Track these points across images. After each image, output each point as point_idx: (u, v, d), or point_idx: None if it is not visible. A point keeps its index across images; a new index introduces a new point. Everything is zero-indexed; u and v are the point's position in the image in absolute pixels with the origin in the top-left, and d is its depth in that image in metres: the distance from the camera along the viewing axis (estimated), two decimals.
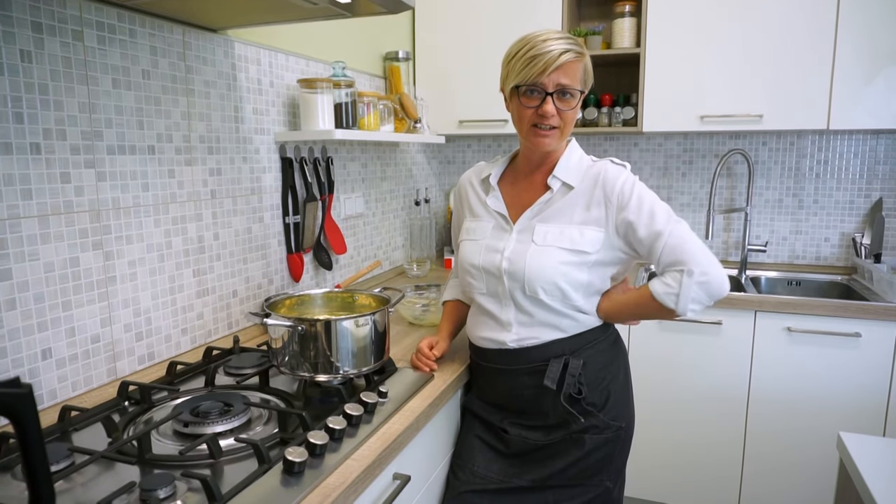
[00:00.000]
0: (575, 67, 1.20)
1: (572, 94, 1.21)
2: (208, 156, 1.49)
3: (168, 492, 0.86)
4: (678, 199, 2.63)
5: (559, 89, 1.19)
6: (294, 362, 1.22)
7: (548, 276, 1.21)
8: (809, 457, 2.03)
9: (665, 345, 2.14)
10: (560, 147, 1.29)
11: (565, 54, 1.17)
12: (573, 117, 1.24)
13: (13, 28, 1.05)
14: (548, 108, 1.20)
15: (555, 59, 1.16)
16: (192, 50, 1.42)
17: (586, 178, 1.25)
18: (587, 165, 1.28)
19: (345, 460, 0.98)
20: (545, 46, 1.17)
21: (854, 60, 2.03)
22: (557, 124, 1.22)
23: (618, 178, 1.22)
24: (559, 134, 1.24)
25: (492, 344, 1.31)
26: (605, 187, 1.22)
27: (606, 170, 1.24)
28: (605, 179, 1.23)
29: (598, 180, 1.23)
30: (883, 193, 2.36)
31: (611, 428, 1.27)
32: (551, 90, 1.19)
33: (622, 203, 1.20)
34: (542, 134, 1.23)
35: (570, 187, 1.26)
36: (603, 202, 1.22)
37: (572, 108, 1.22)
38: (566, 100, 1.21)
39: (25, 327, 1.10)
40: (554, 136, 1.24)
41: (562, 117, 1.22)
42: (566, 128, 1.24)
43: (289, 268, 1.79)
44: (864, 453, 1.08)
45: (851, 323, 1.93)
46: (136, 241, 1.31)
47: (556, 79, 1.18)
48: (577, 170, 1.27)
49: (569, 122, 1.24)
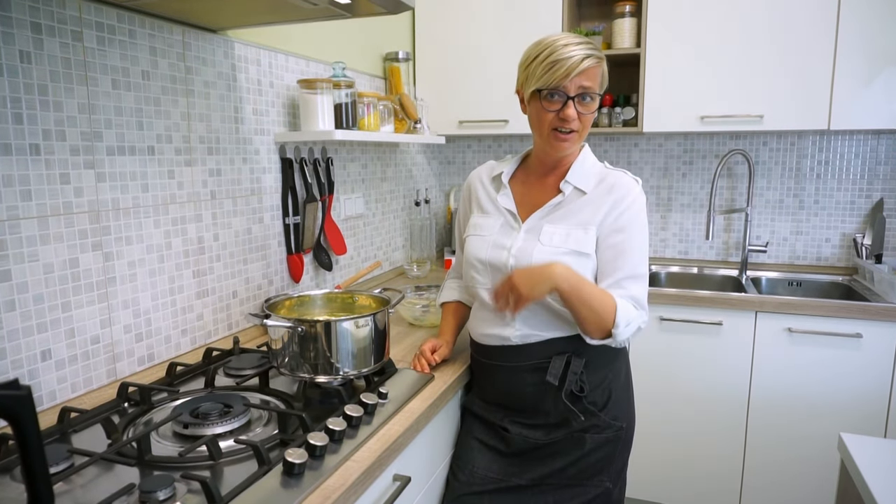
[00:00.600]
0: (596, 72, 1.21)
1: (593, 97, 1.23)
2: (208, 156, 1.49)
3: (168, 493, 0.85)
4: (678, 199, 2.62)
5: (581, 93, 1.21)
6: (294, 363, 1.22)
7: None
8: (810, 458, 2.03)
9: (665, 345, 2.13)
10: (574, 151, 1.30)
11: (588, 59, 1.18)
12: (591, 121, 1.26)
13: (12, 29, 1.05)
14: (570, 111, 1.21)
15: (577, 63, 1.18)
16: (191, 50, 1.42)
17: (600, 185, 1.27)
18: (600, 171, 1.29)
19: (345, 462, 0.98)
20: (567, 51, 1.18)
21: (855, 60, 2.03)
22: (577, 128, 1.24)
23: (631, 191, 1.25)
24: (577, 137, 1.26)
25: (495, 340, 1.31)
26: (616, 195, 1.24)
27: (621, 179, 1.26)
28: (620, 188, 1.25)
29: (612, 189, 1.25)
30: (884, 194, 2.36)
31: (611, 428, 1.28)
32: (573, 94, 1.20)
33: (624, 214, 1.23)
34: (562, 138, 1.24)
35: (583, 192, 1.27)
36: (608, 206, 1.24)
37: (592, 111, 1.24)
38: (587, 104, 1.22)
39: (25, 328, 1.10)
40: (573, 139, 1.25)
41: (581, 121, 1.23)
42: (584, 131, 1.26)
43: (289, 269, 1.79)
44: (865, 454, 1.08)
45: (852, 324, 1.92)
46: (136, 241, 1.31)
47: (578, 82, 1.20)
48: (590, 175, 1.29)
49: (587, 125, 1.25)
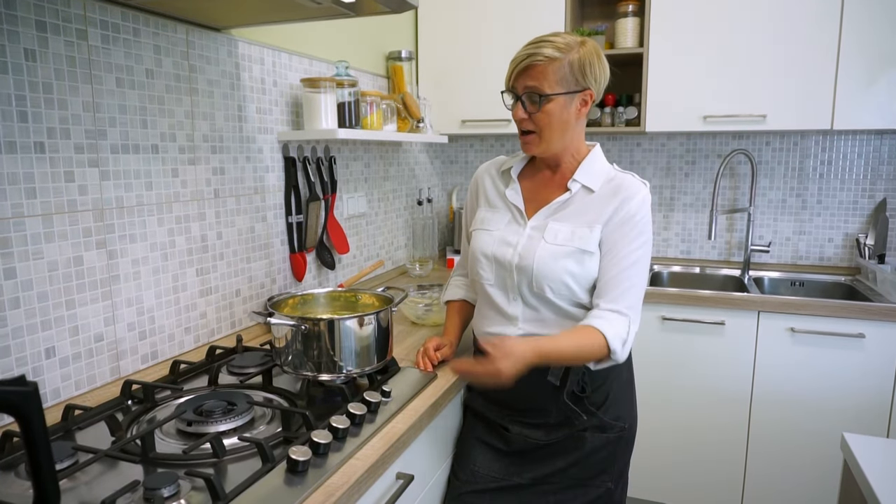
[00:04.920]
0: (542, 70, 1.18)
1: (542, 96, 1.19)
2: (212, 155, 1.49)
3: (172, 490, 0.86)
4: (681, 199, 2.62)
5: (525, 92, 1.21)
6: (297, 361, 1.22)
7: (555, 274, 1.22)
8: (813, 458, 2.03)
9: (668, 345, 2.13)
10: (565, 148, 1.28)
11: (528, 59, 1.18)
12: (548, 121, 1.21)
13: (18, 27, 1.05)
14: (516, 111, 1.23)
15: (518, 62, 1.20)
16: (195, 49, 1.42)
17: (607, 185, 1.26)
18: (609, 172, 1.28)
19: (348, 459, 0.98)
20: (520, 52, 1.21)
21: (858, 60, 2.03)
22: (531, 128, 1.23)
23: (639, 193, 1.23)
24: (539, 139, 1.24)
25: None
26: (624, 196, 1.23)
27: (629, 181, 1.25)
28: (627, 190, 1.23)
29: (620, 190, 1.24)
30: (887, 194, 2.35)
31: (613, 428, 1.28)
32: (521, 93, 1.22)
33: (627, 214, 1.22)
34: (524, 140, 1.26)
35: (591, 191, 1.26)
36: (615, 207, 1.23)
37: (540, 111, 1.21)
38: (534, 103, 1.21)
39: (29, 326, 1.10)
40: (533, 141, 1.25)
41: (535, 121, 1.22)
42: (545, 132, 1.23)
43: (291, 267, 1.79)
44: (868, 454, 1.08)
45: (855, 324, 1.92)
46: (140, 240, 1.31)
47: (522, 82, 1.21)
48: (598, 175, 1.27)
49: (545, 126, 1.22)
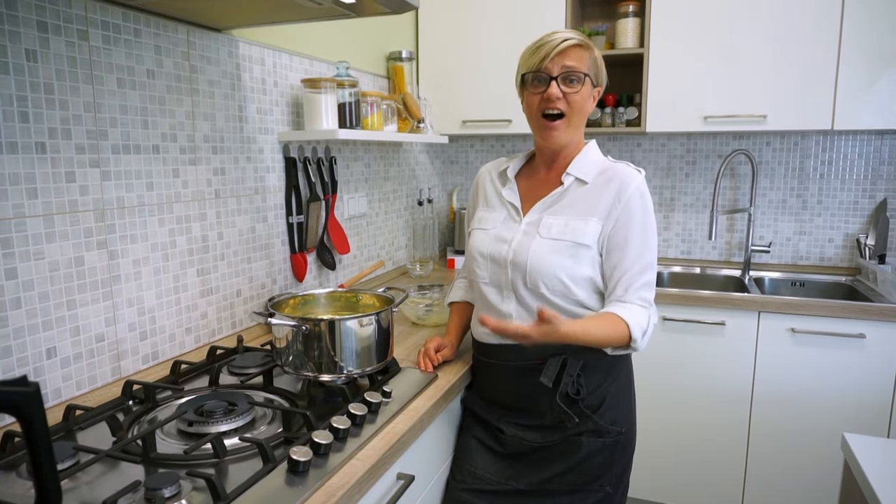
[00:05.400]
0: (580, 53, 1.21)
1: (577, 77, 1.21)
2: (212, 155, 1.49)
3: (173, 491, 0.86)
4: (681, 199, 2.62)
5: (564, 72, 1.20)
6: (298, 362, 1.22)
7: (549, 269, 1.21)
8: (813, 458, 2.03)
9: (668, 345, 2.13)
10: (572, 141, 1.28)
11: (567, 41, 1.20)
12: (581, 104, 1.23)
13: (19, 27, 1.05)
14: (553, 90, 1.21)
15: (556, 44, 1.20)
16: (196, 49, 1.42)
17: (601, 176, 1.25)
18: (602, 164, 1.28)
19: (349, 460, 0.98)
20: (549, 37, 1.22)
21: (859, 60, 2.03)
22: (564, 109, 1.22)
23: (633, 180, 1.23)
24: (567, 124, 1.23)
25: (493, 339, 1.30)
26: (620, 185, 1.22)
27: (623, 170, 1.25)
28: (621, 179, 1.23)
29: (614, 179, 1.23)
30: (887, 194, 2.35)
31: (610, 433, 1.27)
32: (556, 74, 1.21)
33: (628, 206, 1.21)
34: (550, 126, 1.23)
35: (584, 182, 1.26)
36: (613, 197, 1.22)
37: (578, 92, 1.22)
38: (572, 84, 1.21)
39: (30, 326, 1.10)
40: (561, 126, 1.23)
41: (568, 102, 1.22)
42: (574, 116, 1.23)
43: (292, 267, 1.79)
44: (868, 455, 1.08)
45: (855, 324, 1.92)
46: (141, 240, 1.31)
47: (560, 62, 1.20)
48: (591, 167, 1.27)
49: (577, 109, 1.23)
